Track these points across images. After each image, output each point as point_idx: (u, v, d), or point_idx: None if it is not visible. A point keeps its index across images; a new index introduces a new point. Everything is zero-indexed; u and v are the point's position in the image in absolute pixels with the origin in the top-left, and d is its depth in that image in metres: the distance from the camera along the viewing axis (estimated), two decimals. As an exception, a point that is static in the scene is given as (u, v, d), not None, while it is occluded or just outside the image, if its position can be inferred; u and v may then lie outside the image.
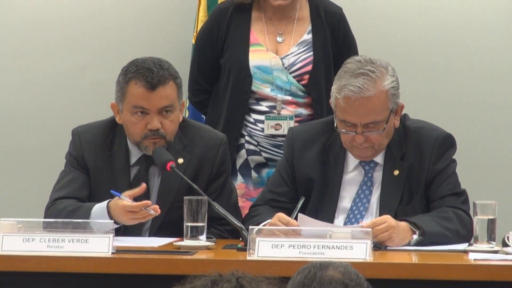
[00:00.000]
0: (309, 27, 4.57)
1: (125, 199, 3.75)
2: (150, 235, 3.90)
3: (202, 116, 4.82)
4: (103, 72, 5.29)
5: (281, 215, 3.67)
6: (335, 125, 3.88)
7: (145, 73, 3.84)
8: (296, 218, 3.76)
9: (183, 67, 4.50)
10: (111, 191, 3.85)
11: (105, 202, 3.82)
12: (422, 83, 5.30)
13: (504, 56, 5.50)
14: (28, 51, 5.59)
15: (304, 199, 3.86)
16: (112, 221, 3.66)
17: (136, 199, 3.75)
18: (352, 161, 3.85)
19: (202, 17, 5.02)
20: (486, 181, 5.12)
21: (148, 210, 3.70)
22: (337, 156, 3.88)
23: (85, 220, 3.69)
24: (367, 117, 3.73)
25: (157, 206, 3.79)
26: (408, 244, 3.60)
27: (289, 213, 3.72)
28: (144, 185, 3.88)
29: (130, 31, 5.62)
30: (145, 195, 3.83)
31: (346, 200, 3.83)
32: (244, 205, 4.26)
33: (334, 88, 3.81)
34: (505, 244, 3.48)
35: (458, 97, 5.47)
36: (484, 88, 5.46)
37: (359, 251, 3.32)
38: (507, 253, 3.39)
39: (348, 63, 3.81)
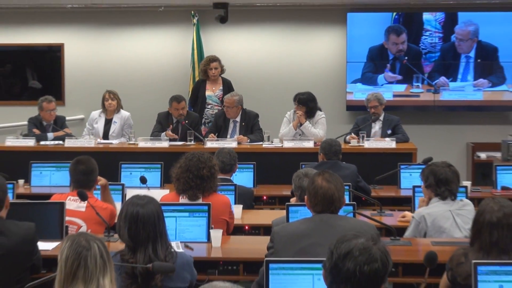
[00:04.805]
0: (221, 85, 10.09)
1: (169, 132, 9.21)
2: (178, 141, 9.32)
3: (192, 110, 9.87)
4: (165, 98, 9.76)
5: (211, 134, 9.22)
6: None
7: (176, 98, 9.31)
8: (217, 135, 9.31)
9: (187, 96, 10.15)
10: (167, 129, 9.28)
11: (164, 132, 9.26)
12: (252, 100, 10.01)
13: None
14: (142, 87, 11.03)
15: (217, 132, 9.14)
16: (167, 137, 9.18)
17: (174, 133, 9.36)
18: (232, 120, 9.25)
19: (193, 83, 10.55)
20: (269, 124, 9.51)
21: (174, 136, 9.30)
22: (227, 118, 9.30)
23: (160, 138, 9.22)
24: (229, 103, 9.11)
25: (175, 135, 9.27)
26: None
27: (215, 131, 9.31)
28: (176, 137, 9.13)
29: (173, 83, 10.98)
30: (177, 132, 9.30)
31: (230, 131, 9.25)
32: (204, 132, 9.46)
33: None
34: (275, 143, 9.34)
35: (265, 103, 10.61)
36: (277, 100, 10.75)
37: (233, 145, 8.89)
38: (274, 144, 9.22)
39: (231, 93, 9.51)
